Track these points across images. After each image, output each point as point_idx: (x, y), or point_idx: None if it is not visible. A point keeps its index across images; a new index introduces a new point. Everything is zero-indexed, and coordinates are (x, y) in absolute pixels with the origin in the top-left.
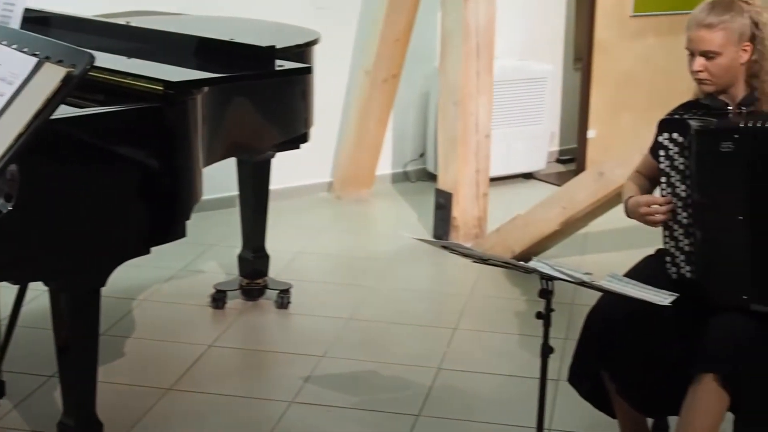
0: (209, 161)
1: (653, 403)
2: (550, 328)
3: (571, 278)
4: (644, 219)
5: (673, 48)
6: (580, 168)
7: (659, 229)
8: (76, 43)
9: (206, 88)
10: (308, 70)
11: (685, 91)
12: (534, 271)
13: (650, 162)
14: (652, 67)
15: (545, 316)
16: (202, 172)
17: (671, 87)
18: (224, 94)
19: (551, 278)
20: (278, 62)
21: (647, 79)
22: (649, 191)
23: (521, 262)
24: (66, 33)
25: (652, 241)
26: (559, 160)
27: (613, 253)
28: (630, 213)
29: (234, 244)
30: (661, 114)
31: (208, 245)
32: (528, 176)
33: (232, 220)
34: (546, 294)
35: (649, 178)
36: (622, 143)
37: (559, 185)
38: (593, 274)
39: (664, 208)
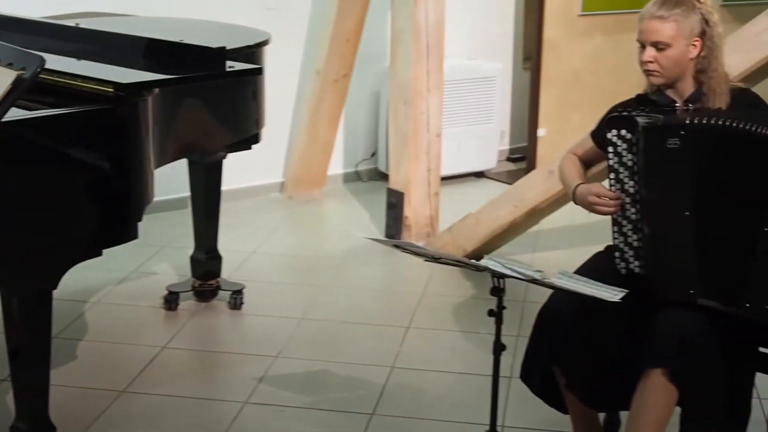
0: (161, 162)
1: (604, 398)
2: (502, 325)
3: (522, 276)
4: (592, 208)
5: (621, 47)
6: (531, 166)
7: (608, 227)
8: (25, 45)
9: (157, 90)
10: (259, 71)
11: (633, 89)
12: (486, 269)
13: (589, 146)
14: (600, 66)
15: (497, 314)
16: (153, 174)
17: (619, 85)
18: (175, 96)
19: (503, 276)
20: (229, 63)
21: (595, 78)
22: (584, 175)
23: (473, 261)
24: (14, 35)
25: (601, 238)
26: (509, 159)
27: (563, 251)
28: (578, 199)
29: (186, 245)
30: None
31: (160, 246)
32: (479, 175)
33: (184, 221)
34: (497, 292)
35: (584, 162)
36: (571, 142)
37: (509, 184)
38: (544, 272)
39: (613, 203)
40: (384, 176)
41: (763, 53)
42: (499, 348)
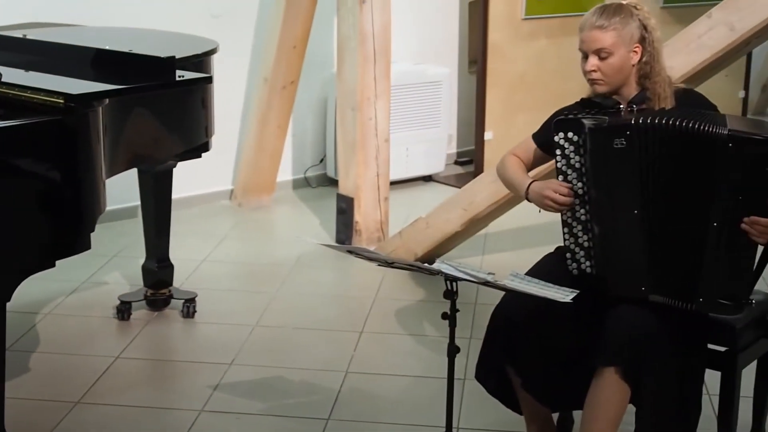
0: (111, 173)
1: (558, 397)
2: (455, 328)
3: (475, 278)
4: (546, 203)
5: (565, 49)
6: (479, 170)
7: (556, 228)
8: None
9: (107, 100)
10: (209, 80)
11: (577, 89)
12: (439, 272)
13: (531, 148)
14: (544, 68)
15: (451, 317)
16: (105, 184)
17: (563, 87)
18: (124, 106)
19: (455, 279)
20: (179, 72)
21: (540, 80)
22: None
23: (426, 264)
24: None
25: (548, 239)
26: (457, 162)
27: (511, 252)
28: (532, 196)
29: (135, 255)
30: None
31: (110, 256)
32: (427, 179)
33: (133, 231)
34: (450, 295)
35: (525, 164)
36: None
37: (458, 187)
38: (496, 274)
39: (566, 200)
40: (333, 182)
41: (704, 55)
42: (453, 350)
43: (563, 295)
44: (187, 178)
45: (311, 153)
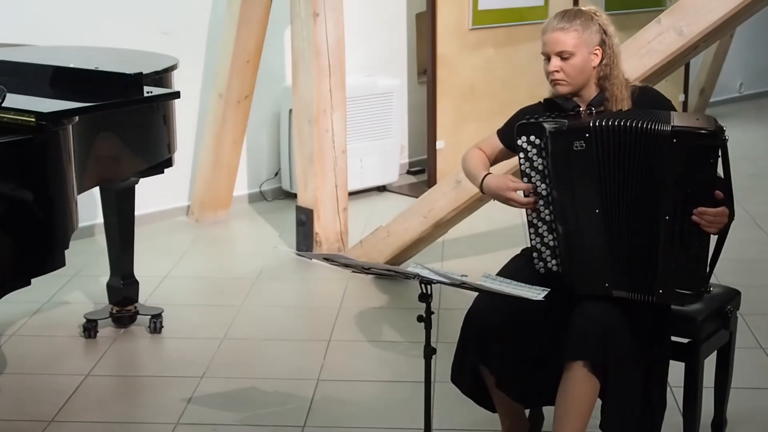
0: (80, 190)
1: (531, 393)
2: (431, 330)
3: (450, 281)
4: (505, 197)
5: (512, 58)
6: (431, 178)
7: (511, 233)
8: None
9: (77, 118)
10: (177, 95)
11: (524, 97)
12: (415, 275)
13: (496, 144)
14: (492, 77)
15: (426, 319)
16: (77, 201)
17: (511, 95)
18: (90, 124)
19: (431, 282)
20: (147, 89)
21: (489, 89)
22: (488, 167)
23: (402, 269)
24: None
25: (504, 243)
26: (409, 172)
27: (470, 258)
28: (487, 188)
29: (95, 273)
30: (504, 121)
31: (70, 276)
32: (382, 189)
33: (90, 250)
34: (426, 298)
35: (491, 159)
36: None
37: (412, 196)
38: (468, 276)
39: (528, 200)
40: (288, 195)
41: (655, 59)
42: (430, 352)
43: (535, 293)
44: (144, 195)
45: (266, 167)
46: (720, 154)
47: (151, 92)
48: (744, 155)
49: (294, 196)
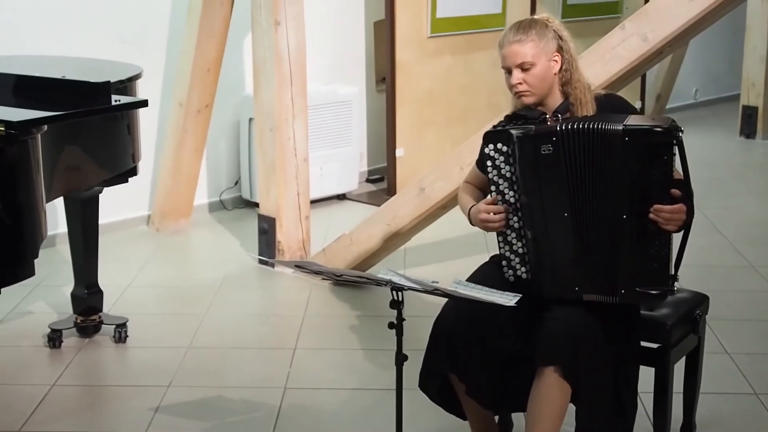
0: (47, 199)
1: (500, 400)
2: (402, 337)
3: (422, 287)
4: (484, 225)
5: (470, 65)
6: (391, 186)
7: (472, 240)
8: None
9: (45, 127)
10: (145, 104)
11: (483, 105)
12: (388, 282)
13: (478, 174)
14: (451, 85)
15: (397, 326)
16: (46, 210)
17: (470, 102)
18: (56, 132)
19: (403, 289)
20: (115, 97)
21: (447, 96)
22: (478, 199)
23: (374, 275)
24: None
25: (466, 251)
26: (369, 180)
27: (432, 265)
28: (473, 220)
29: (57, 283)
30: (463, 128)
31: (32, 286)
32: (341, 197)
33: (51, 260)
34: (397, 305)
35: (479, 189)
36: (428, 159)
37: (371, 204)
38: (440, 282)
39: (497, 216)
40: (248, 203)
41: (619, 65)
42: (401, 358)
43: (507, 299)
44: (104, 205)
45: (226, 176)
46: (675, 152)
47: (119, 101)
48: (700, 161)
49: (254, 204)
